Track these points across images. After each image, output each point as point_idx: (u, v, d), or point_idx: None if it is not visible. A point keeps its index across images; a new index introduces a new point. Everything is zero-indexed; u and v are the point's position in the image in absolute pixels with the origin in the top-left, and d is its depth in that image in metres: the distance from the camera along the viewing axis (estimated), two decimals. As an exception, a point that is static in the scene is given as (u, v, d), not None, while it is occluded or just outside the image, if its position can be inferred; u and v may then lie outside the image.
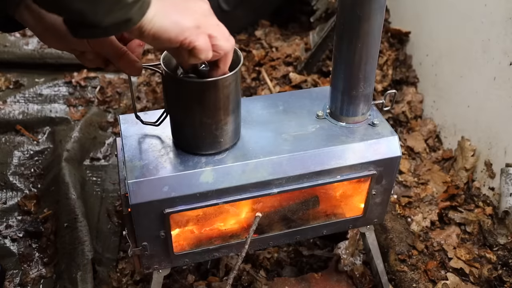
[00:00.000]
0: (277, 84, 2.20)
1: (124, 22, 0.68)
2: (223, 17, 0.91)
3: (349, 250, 1.54)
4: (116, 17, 0.66)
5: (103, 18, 0.65)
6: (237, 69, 0.94)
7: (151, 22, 0.72)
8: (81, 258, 1.45)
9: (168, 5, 0.74)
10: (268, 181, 1.06)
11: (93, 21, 0.65)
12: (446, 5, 1.88)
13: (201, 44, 0.78)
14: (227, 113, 0.99)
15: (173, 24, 0.74)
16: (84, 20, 0.65)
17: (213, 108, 0.97)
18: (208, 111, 0.97)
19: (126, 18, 0.68)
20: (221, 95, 0.95)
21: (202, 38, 0.78)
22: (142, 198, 0.99)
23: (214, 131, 1.01)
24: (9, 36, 2.44)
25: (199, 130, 1.01)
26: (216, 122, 0.99)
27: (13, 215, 1.66)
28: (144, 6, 0.69)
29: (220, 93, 0.95)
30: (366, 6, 0.98)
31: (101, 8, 0.64)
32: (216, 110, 0.97)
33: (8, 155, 1.88)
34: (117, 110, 2.12)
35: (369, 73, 1.09)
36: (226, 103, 0.98)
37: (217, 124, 1.00)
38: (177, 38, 0.75)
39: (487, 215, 1.63)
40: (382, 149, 1.14)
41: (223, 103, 0.97)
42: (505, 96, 1.60)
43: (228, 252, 1.19)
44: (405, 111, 2.05)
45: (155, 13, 0.71)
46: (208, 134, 1.01)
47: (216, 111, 0.98)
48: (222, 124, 1.01)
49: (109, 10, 0.65)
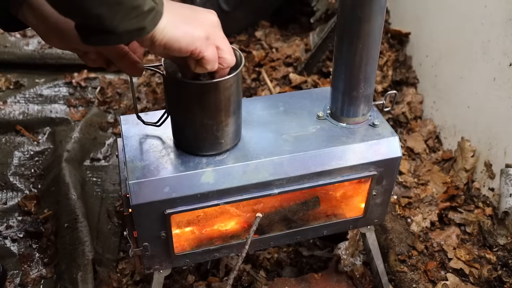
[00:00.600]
0: (277, 85, 2.20)
1: (138, 30, 0.69)
2: (223, 18, 0.91)
3: (349, 251, 1.54)
4: (131, 24, 0.67)
5: (118, 25, 0.66)
6: (238, 70, 0.95)
7: (162, 32, 0.73)
8: (81, 258, 1.45)
9: (179, 16, 0.76)
10: (269, 181, 1.06)
11: (109, 27, 0.66)
12: (446, 6, 1.88)
13: (209, 55, 0.80)
14: (228, 115, 1.00)
15: (184, 34, 0.76)
16: (101, 26, 0.66)
17: (214, 109, 0.97)
18: (209, 113, 0.97)
19: (140, 27, 0.69)
20: (222, 97, 0.96)
21: (211, 49, 0.80)
22: (143, 198, 0.99)
23: (215, 132, 1.01)
24: (9, 37, 2.44)
25: (200, 131, 1.01)
26: (217, 123, 1.00)
27: (14, 216, 1.66)
28: (157, 16, 0.70)
29: (222, 94, 0.95)
30: (367, 7, 0.98)
31: (118, 14, 0.65)
32: (217, 111, 0.98)
33: (9, 155, 1.88)
34: (117, 110, 2.12)
35: (370, 74, 1.09)
36: (227, 105, 0.98)
37: (218, 125, 1.00)
38: (187, 48, 0.77)
39: (487, 216, 1.63)
40: (382, 150, 1.14)
41: (224, 104, 0.97)
42: (505, 97, 1.60)
43: (228, 253, 1.19)
44: (405, 112, 2.05)
45: (166, 23, 0.73)
46: (209, 135, 1.01)
47: (217, 112, 0.98)
48: (223, 126, 1.01)
49: (125, 17, 0.66)
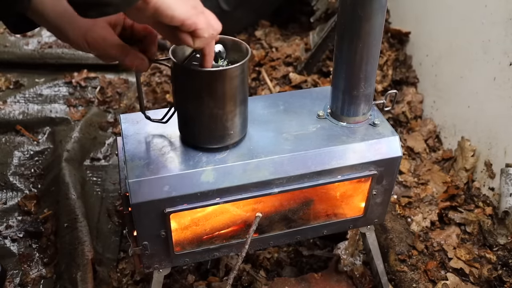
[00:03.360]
0: (277, 84, 2.20)
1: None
2: (223, 17, 0.92)
3: (349, 250, 1.54)
4: None
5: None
6: (246, 59, 0.96)
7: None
8: (81, 258, 1.45)
9: None
10: (269, 180, 1.06)
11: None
12: (446, 6, 1.88)
13: (202, 23, 0.79)
14: (237, 104, 1.01)
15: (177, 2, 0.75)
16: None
17: (224, 98, 0.98)
18: (219, 102, 0.98)
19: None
20: (232, 85, 0.97)
21: (201, 17, 0.80)
22: (143, 197, 0.99)
23: (224, 122, 1.02)
24: (9, 36, 2.44)
25: (210, 122, 1.02)
26: (226, 112, 1.01)
27: (13, 215, 1.66)
28: None
29: (231, 82, 0.97)
30: (367, 6, 0.98)
31: None
32: (226, 100, 0.99)
33: (8, 155, 1.88)
34: (117, 110, 2.12)
35: (370, 73, 1.09)
36: (236, 94, 0.99)
37: (228, 115, 1.01)
38: (179, 16, 0.76)
39: (487, 215, 1.63)
40: (382, 149, 1.14)
41: (234, 93, 0.99)
42: (505, 96, 1.60)
43: (228, 252, 1.19)
44: (405, 111, 2.05)
45: None
46: (219, 125, 1.02)
47: (226, 102, 0.99)
48: (233, 115, 1.02)
49: None
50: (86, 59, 2.30)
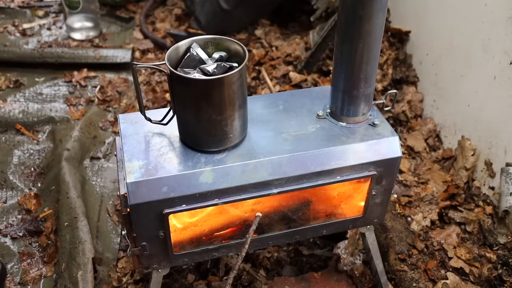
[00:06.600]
0: (277, 84, 2.20)
1: None
2: (223, 16, 0.91)
3: (348, 250, 1.54)
4: None
5: None
6: (243, 64, 0.96)
7: None
8: (81, 257, 1.45)
9: None
10: (268, 181, 1.06)
11: None
12: (446, 4, 1.88)
13: None
14: (235, 109, 1.01)
15: None
16: None
17: (222, 104, 0.98)
18: (217, 108, 0.98)
19: None
20: (229, 92, 0.97)
21: None
22: (141, 198, 0.99)
23: (223, 127, 1.01)
24: (9, 35, 2.44)
25: (209, 127, 1.02)
26: (225, 118, 1.00)
27: (14, 214, 1.66)
28: None
29: (228, 89, 0.96)
30: (368, 6, 0.98)
31: None
32: (224, 106, 0.99)
33: (8, 154, 1.88)
34: (117, 109, 2.12)
35: (370, 73, 1.09)
36: (234, 99, 0.99)
37: (227, 120, 1.01)
38: None
39: (487, 215, 1.63)
40: (382, 150, 1.13)
41: (231, 99, 0.98)
42: (505, 95, 1.59)
43: (227, 252, 1.19)
44: (405, 110, 2.05)
45: None
46: (218, 131, 1.02)
47: (224, 108, 0.99)
48: (231, 120, 1.02)
49: None
50: (86, 58, 2.30)
